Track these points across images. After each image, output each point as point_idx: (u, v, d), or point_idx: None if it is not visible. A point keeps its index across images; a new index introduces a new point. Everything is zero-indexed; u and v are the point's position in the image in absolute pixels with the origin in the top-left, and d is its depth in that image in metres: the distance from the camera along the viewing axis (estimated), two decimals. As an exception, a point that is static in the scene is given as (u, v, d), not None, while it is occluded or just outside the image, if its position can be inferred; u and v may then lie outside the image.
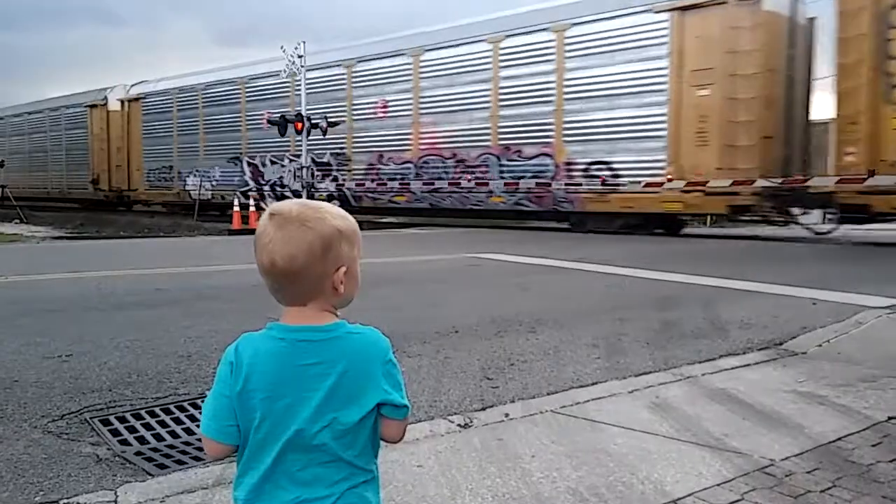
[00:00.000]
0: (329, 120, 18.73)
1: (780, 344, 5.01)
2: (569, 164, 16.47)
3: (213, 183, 24.81)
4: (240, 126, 24.00)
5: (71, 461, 2.91)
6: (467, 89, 18.16)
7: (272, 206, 1.33)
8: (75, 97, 31.09)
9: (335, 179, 21.31)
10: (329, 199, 19.91)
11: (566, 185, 16.50)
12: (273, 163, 22.97)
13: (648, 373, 4.26)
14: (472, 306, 6.58)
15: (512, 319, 5.82)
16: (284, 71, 18.95)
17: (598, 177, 16.02)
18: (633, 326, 5.60)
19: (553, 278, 8.68)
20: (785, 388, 3.89)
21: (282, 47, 18.85)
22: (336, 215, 1.31)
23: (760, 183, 14.02)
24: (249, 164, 23.70)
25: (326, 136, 19.39)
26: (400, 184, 19.70)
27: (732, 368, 4.35)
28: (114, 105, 29.13)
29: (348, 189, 20.87)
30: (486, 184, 17.93)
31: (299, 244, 1.25)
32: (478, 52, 17.93)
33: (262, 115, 21.55)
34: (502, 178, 17.64)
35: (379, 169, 20.21)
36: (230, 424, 1.28)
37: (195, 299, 6.83)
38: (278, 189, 22.84)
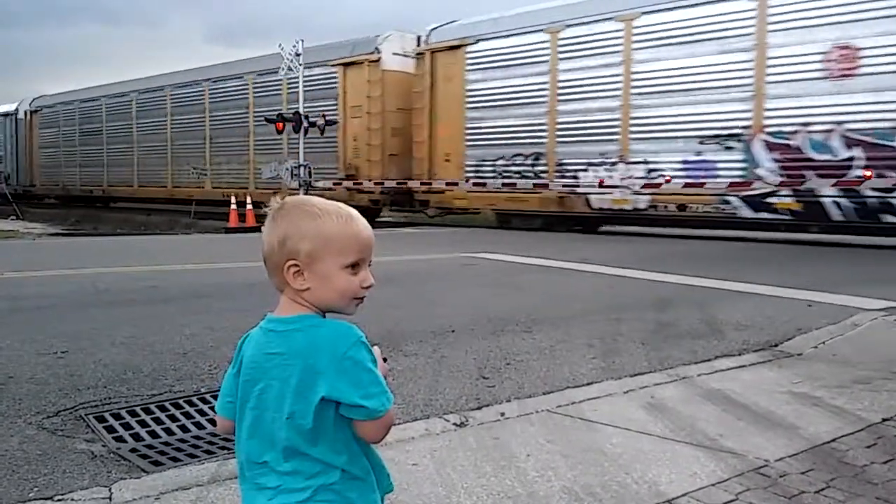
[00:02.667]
0: (328, 118, 18.04)
1: (776, 345, 5.02)
2: None
3: (643, 176, 14.46)
4: (750, 76, 13.04)
5: (66, 458, 2.91)
6: None
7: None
8: (309, 52, 18.60)
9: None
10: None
11: None
12: (856, 143, 12.09)
13: (644, 373, 4.27)
14: (469, 306, 6.58)
15: (508, 319, 5.82)
16: (282, 69, 18.65)
17: None
18: (628, 327, 5.61)
19: (549, 278, 8.68)
20: (780, 390, 3.90)
21: (279, 45, 18.71)
22: (312, 214, 1.31)
23: None
24: (772, 144, 13.13)
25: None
26: None
27: (728, 369, 4.36)
28: (392, 62, 18.82)
29: None
30: None
31: (266, 234, 1.33)
32: None
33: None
34: None
35: None
36: (229, 401, 1.36)
37: (192, 297, 6.83)
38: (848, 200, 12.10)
